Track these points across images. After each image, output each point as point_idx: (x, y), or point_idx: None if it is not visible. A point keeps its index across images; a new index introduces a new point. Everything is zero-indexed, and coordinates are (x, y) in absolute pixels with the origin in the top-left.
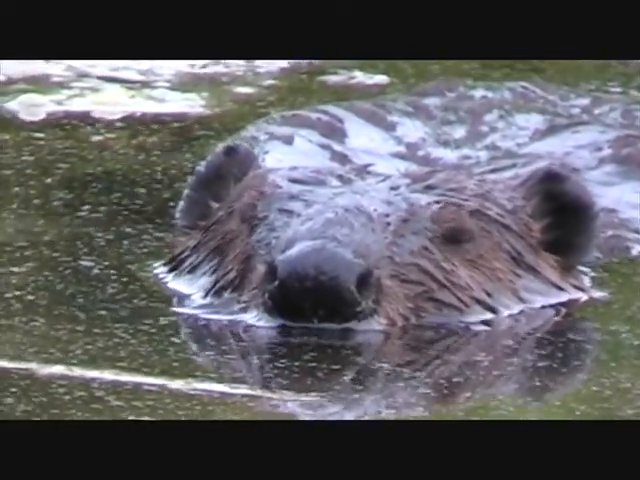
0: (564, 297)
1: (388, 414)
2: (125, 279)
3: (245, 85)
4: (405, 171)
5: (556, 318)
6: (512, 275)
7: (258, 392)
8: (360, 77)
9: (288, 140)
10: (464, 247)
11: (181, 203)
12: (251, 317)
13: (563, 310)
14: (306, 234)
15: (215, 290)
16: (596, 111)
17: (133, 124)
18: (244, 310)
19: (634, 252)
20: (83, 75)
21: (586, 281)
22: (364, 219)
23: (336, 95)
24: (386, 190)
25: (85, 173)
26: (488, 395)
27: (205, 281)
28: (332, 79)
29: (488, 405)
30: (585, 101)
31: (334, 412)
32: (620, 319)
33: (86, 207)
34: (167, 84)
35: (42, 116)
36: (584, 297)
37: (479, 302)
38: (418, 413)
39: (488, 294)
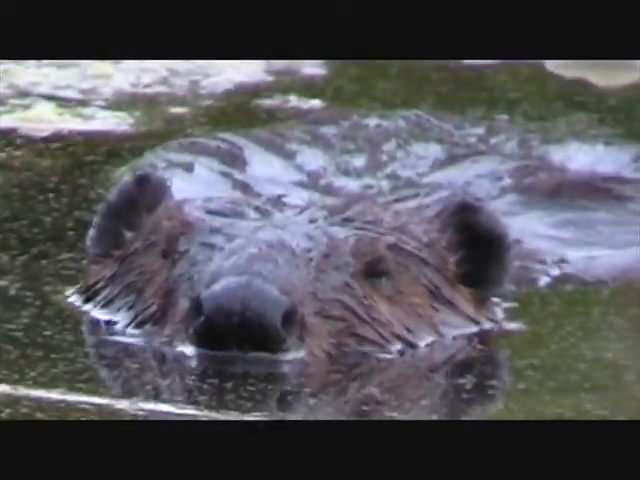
0: (478, 329)
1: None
2: (42, 304)
3: (182, 105)
4: (322, 203)
5: (469, 348)
6: (430, 310)
7: (205, 413)
8: (295, 101)
9: (188, 168)
10: (383, 282)
11: (91, 230)
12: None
13: (476, 340)
14: (231, 269)
15: (136, 323)
16: (492, 140)
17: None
18: (168, 344)
19: (541, 283)
20: (24, 93)
21: (499, 313)
22: (288, 255)
23: (268, 119)
24: (305, 223)
25: None
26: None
27: (124, 314)
28: (267, 102)
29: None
30: (480, 130)
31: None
32: (534, 350)
33: None
34: (103, 103)
35: None
36: (497, 328)
37: (399, 338)
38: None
39: (408, 330)
